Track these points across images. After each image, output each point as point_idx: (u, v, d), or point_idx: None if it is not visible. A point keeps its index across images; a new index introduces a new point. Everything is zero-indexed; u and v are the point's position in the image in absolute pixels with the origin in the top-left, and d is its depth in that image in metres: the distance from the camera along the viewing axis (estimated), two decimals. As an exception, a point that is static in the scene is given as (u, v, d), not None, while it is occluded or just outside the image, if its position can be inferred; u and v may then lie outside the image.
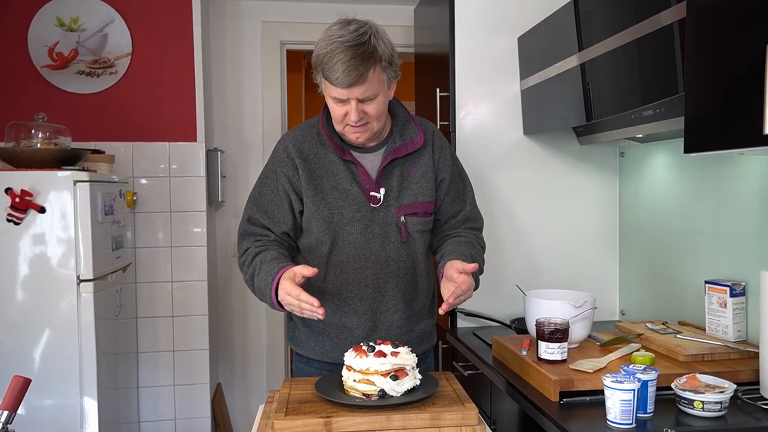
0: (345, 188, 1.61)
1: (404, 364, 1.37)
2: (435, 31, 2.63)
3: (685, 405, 1.37)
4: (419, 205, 1.65)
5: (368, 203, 1.62)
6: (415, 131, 1.66)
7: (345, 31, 1.47)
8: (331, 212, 1.61)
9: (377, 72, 1.49)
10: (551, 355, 1.61)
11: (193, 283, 2.94)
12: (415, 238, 1.66)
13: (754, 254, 1.72)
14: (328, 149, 1.63)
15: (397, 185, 1.63)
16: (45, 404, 2.23)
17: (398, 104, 1.70)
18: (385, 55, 1.50)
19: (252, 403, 3.27)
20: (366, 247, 1.62)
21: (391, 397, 1.34)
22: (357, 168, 1.62)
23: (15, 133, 2.36)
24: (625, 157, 2.40)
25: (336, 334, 1.66)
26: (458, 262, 1.50)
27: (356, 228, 1.61)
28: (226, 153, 3.19)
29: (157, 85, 2.88)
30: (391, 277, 1.64)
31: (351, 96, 1.50)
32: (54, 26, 2.78)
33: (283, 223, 1.64)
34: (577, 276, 2.41)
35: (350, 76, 1.46)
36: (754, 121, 1.15)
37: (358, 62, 1.45)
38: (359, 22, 1.51)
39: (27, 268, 2.24)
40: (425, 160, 1.67)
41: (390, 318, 1.65)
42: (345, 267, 1.62)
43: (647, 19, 1.53)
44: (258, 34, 3.24)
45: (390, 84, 1.57)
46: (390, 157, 1.62)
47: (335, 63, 1.46)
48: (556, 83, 2.06)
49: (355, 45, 1.45)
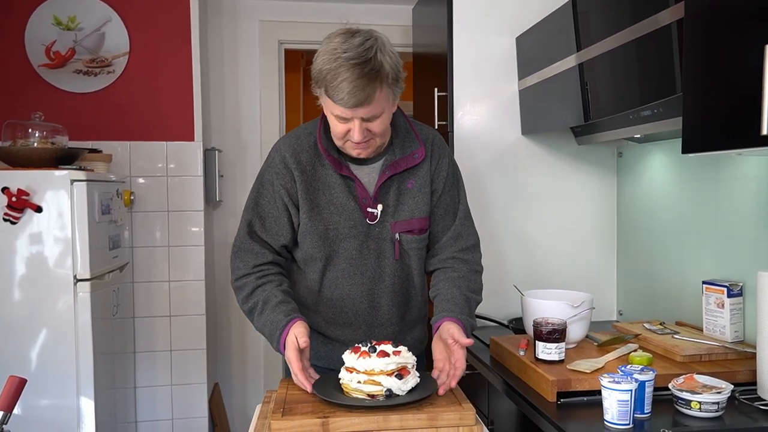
0: (341, 203, 1.56)
1: (407, 363, 1.38)
2: (433, 30, 2.63)
3: (683, 405, 1.37)
4: (415, 222, 1.60)
5: (365, 219, 1.57)
6: (416, 144, 1.60)
7: (349, 45, 1.38)
8: (326, 228, 1.57)
9: (384, 91, 1.42)
10: (549, 356, 1.61)
11: (191, 283, 2.93)
12: (410, 255, 1.63)
13: (752, 255, 1.72)
14: (324, 162, 1.57)
15: (394, 199, 1.58)
16: (42, 404, 2.23)
17: (400, 114, 1.63)
18: (392, 72, 1.42)
19: (249, 403, 3.27)
20: (361, 263, 1.59)
21: (397, 396, 1.34)
22: (354, 183, 1.57)
23: (12, 132, 2.35)
24: (623, 157, 2.40)
25: (329, 342, 1.66)
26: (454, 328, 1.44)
27: (351, 244, 1.58)
28: (224, 152, 3.19)
29: (154, 85, 2.87)
30: (385, 292, 1.62)
31: (355, 115, 1.42)
32: (51, 25, 2.77)
33: (282, 236, 1.60)
34: (574, 276, 2.41)
35: (357, 98, 1.38)
36: (752, 121, 1.15)
37: (365, 82, 1.37)
38: (364, 34, 1.42)
39: (24, 268, 2.23)
40: (423, 172, 1.61)
41: (384, 331, 1.64)
42: (339, 282, 1.60)
43: (645, 19, 1.53)
44: (256, 34, 3.23)
45: (395, 99, 1.50)
46: (389, 172, 1.57)
47: (340, 82, 1.37)
48: (554, 83, 2.06)
49: (362, 63, 1.37)
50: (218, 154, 3.03)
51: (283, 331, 1.47)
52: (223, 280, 3.25)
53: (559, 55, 1.98)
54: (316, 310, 1.65)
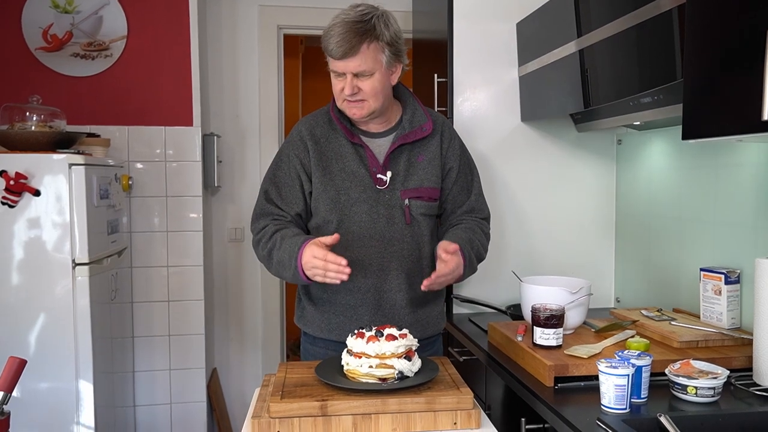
0: (352, 170, 1.67)
1: (412, 345, 1.40)
2: (433, 16, 2.62)
3: (679, 390, 1.38)
4: (424, 190, 1.70)
5: (374, 185, 1.67)
6: (424, 119, 1.72)
7: (351, 11, 1.58)
8: (338, 192, 1.67)
9: (372, 48, 1.57)
10: (546, 341, 1.61)
11: (189, 268, 2.94)
12: (420, 221, 1.70)
13: (749, 242, 1.73)
14: (338, 133, 1.70)
15: (404, 170, 1.69)
16: (41, 388, 2.23)
17: (408, 93, 1.77)
18: (385, 36, 1.58)
19: (247, 388, 3.28)
20: (371, 227, 1.67)
21: (407, 378, 1.36)
22: (365, 151, 1.68)
23: (9, 116, 2.33)
24: (623, 144, 2.40)
25: (341, 312, 1.70)
26: (444, 242, 1.58)
27: (362, 208, 1.66)
28: (223, 138, 3.18)
29: (152, 69, 2.85)
30: (394, 257, 1.68)
31: (347, 69, 1.57)
32: (48, 8, 2.75)
33: (296, 204, 1.71)
34: (573, 263, 2.42)
35: (343, 47, 1.54)
36: (753, 107, 1.15)
37: (353, 35, 1.54)
38: (367, 6, 1.60)
39: (22, 252, 2.23)
40: (433, 147, 1.73)
41: (393, 297, 1.68)
42: (350, 245, 1.65)
43: (646, 5, 1.53)
44: (255, 19, 3.21)
45: (390, 66, 1.63)
46: (399, 142, 1.68)
47: (333, 35, 1.55)
48: (554, 70, 2.06)
49: (354, 21, 1.55)
50: (217, 139, 3.02)
51: (302, 246, 1.53)
52: (221, 265, 3.25)
53: (559, 42, 1.98)
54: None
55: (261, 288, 3.29)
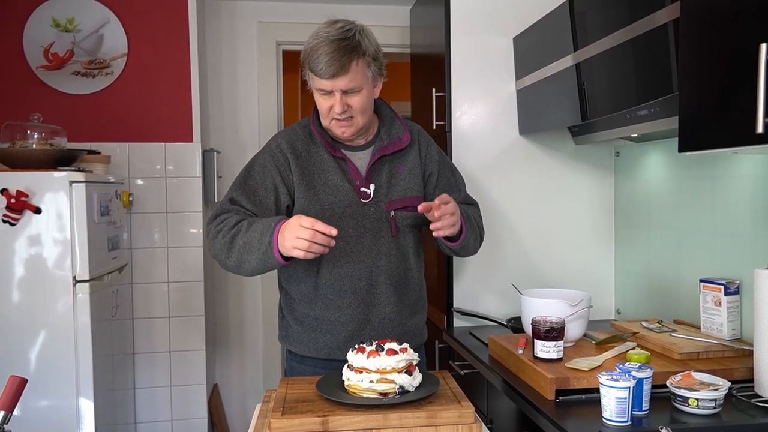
0: (336, 184, 1.66)
1: (412, 359, 1.40)
2: (431, 31, 2.64)
3: (680, 402, 1.38)
4: (408, 200, 1.70)
5: (358, 199, 1.66)
6: (401, 130, 1.73)
7: (331, 28, 1.55)
8: (323, 207, 1.64)
9: (360, 65, 1.56)
10: (547, 354, 1.61)
11: (190, 284, 2.94)
12: (406, 232, 1.71)
13: (748, 253, 1.73)
14: (319, 146, 1.68)
15: (386, 182, 1.69)
16: (41, 405, 2.23)
17: (385, 105, 1.77)
18: (369, 51, 1.58)
19: (249, 403, 3.27)
20: (358, 242, 1.65)
21: (408, 392, 1.36)
22: (347, 164, 1.67)
23: (10, 134, 2.35)
24: (621, 156, 2.41)
25: (329, 330, 1.67)
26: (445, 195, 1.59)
27: (348, 223, 1.65)
28: (223, 153, 3.19)
29: (152, 86, 2.88)
30: (382, 270, 1.67)
31: (335, 87, 1.56)
32: (49, 27, 2.78)
33: (268, 212, 1.63)
34: (572, 275, 2.42)
35: (333, 66, 1.52)
36: (747, 119, 1.16)
37: (341, 54, 1.52)
38: (346, 21, 1.58)
39: (23, 269, 2.23)
40: (412, 157, 1.74)
41: (383, 311, 1.67)
42: (338, 261, 1.65)
43: (642, 19, 1.54)
44: (254, 35, 3.24)
45: (375, 81, 1.63)
46: (378, 154, 1.68)
47: (320, 55, 1.53)
48: (551, 83, 2.07)
49: (340, 39, 1.53)
50: (217, 155, 3.03)
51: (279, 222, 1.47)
52: (222, 281, 3.25)
53: (556, 55, 1.99)
54: (315, 295, 1.68)
55: (262, 303, 3.29)
